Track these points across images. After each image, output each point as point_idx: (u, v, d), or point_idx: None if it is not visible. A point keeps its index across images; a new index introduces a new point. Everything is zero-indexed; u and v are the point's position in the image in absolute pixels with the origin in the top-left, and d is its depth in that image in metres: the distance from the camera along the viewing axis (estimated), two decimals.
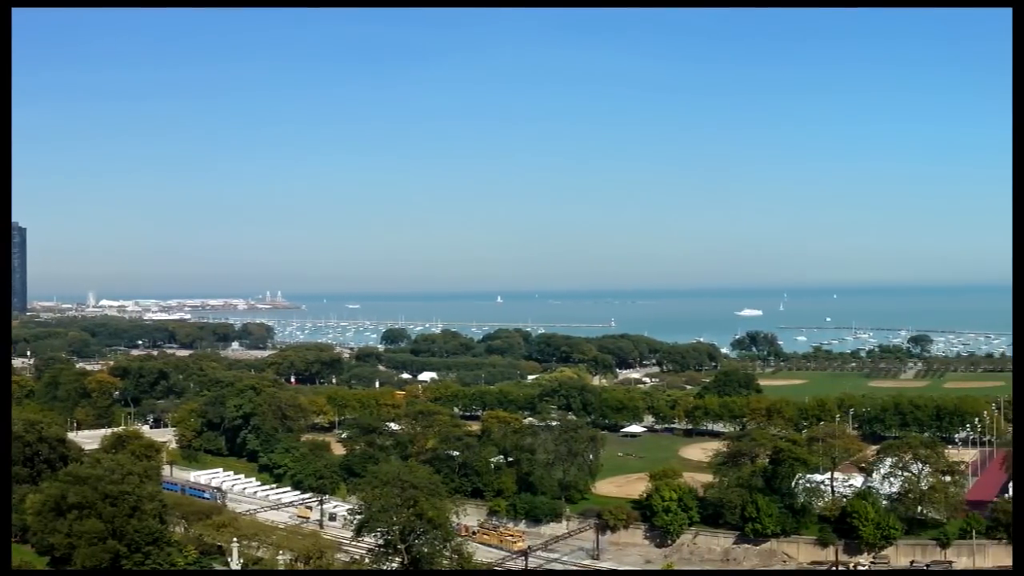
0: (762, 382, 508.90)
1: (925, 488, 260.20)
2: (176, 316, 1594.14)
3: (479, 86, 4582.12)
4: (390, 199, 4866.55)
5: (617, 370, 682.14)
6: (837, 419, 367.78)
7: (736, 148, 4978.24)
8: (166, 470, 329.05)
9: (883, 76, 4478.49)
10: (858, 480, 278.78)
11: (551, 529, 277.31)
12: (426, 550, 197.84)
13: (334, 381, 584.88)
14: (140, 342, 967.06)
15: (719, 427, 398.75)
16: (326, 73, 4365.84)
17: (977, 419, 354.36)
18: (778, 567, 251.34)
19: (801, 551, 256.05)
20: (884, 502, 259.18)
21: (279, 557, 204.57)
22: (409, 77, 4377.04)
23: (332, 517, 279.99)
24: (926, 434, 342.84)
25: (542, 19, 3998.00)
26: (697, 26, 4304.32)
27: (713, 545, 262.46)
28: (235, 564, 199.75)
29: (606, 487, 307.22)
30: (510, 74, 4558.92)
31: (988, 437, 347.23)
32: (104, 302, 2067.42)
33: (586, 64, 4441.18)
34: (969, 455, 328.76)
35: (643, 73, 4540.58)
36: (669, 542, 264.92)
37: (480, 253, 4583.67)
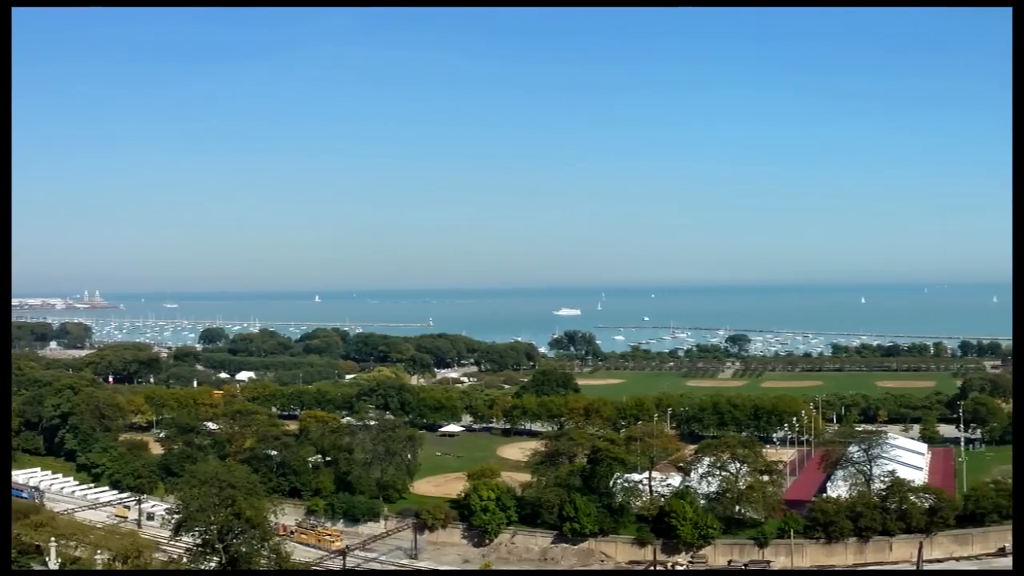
0: (580, 381, 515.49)
1: (743, 487, 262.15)
2: None
3: (294, 86, 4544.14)
4: (207, 199, 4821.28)
5: (435, 369, 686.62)
6: (655, 418, 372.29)
7: (552, 148, 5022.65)
8: None
9: (704, 76, 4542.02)
10: (676, 479, 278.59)
11: (369, 528, 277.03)
12: (244, 549, 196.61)
13: (152, 381, 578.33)
14: None
15: (537, 426, 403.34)
16: (145, 73, 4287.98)
17: (795, 418, 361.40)
18: (596, 567, 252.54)
19: (619, 551, 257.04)
20: (702, 501, 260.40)
21: (97, 556, 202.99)
22: (226, 78, 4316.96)
23: (150, 516, 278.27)
24: (744, 433, 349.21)
25: (358, 19, 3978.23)
26: (516, 25, 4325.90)
27: (531, 544, 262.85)
28: (53, 564, 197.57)
29: (424, 487, 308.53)
30: (326, 74, 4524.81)
31: (806, 436, 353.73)
32: None
33: (403, 64, 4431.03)
34: (787, 454, 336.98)
35: (460, 73, 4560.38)
36: (487, 541, 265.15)
37: (298, 253, 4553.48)
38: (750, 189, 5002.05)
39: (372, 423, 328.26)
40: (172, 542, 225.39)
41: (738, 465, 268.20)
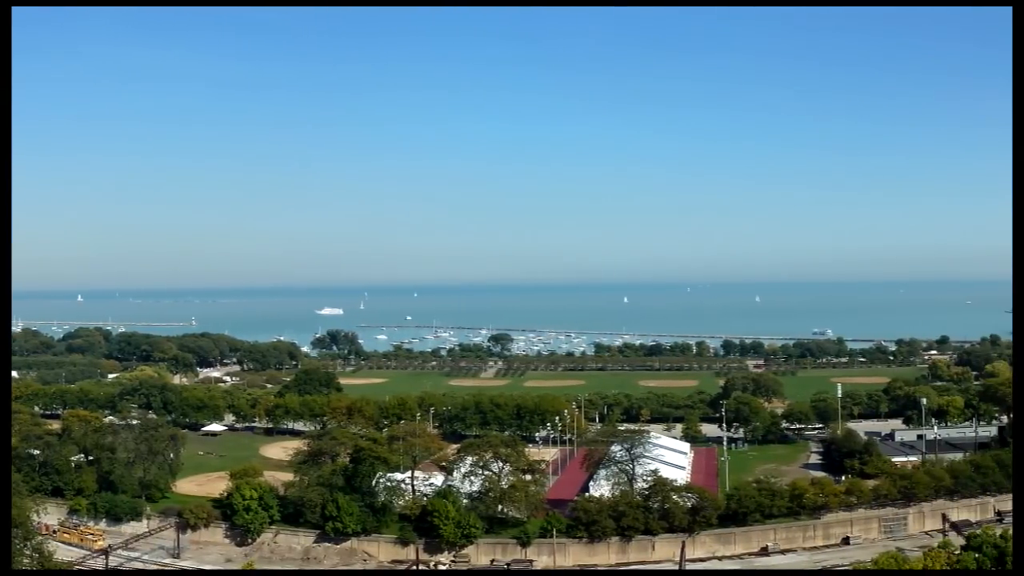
0: (343, 381, 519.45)
1: (506, 487, 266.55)
2: None
3: (55, 85, 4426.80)
4: None
5: (198, 369, 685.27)
6: (418, 418, 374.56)
7: (310, 147, 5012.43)
8: None
9: (458, 74, 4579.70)
10: (439, 479, 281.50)
11: (132, 528, 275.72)
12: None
13: None
14: None
15: (300, 426, 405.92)
16: None
17: (557, 418, 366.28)
18: (358, 566, 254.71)
19: (382, 550, 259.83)
20: (465, 501, 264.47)
21: None
22: None
23: None
24: (507, 433, 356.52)
25: (116, 18, 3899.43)
26: (268, 24, 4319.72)
27: (294, 544, 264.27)
28: None
29: (187, 486, 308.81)
30: (77, 73, 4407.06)
31: (568, 436, 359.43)
32: None
33: (159, 63, 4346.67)
34: (550, 454, 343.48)
35: (217, 72, 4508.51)
36: (250, 541, 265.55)
37: (58, 252, 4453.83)
38: (509, 188, 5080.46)
39: (135, 422, 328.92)
40: None
41: (501, 464, 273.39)
